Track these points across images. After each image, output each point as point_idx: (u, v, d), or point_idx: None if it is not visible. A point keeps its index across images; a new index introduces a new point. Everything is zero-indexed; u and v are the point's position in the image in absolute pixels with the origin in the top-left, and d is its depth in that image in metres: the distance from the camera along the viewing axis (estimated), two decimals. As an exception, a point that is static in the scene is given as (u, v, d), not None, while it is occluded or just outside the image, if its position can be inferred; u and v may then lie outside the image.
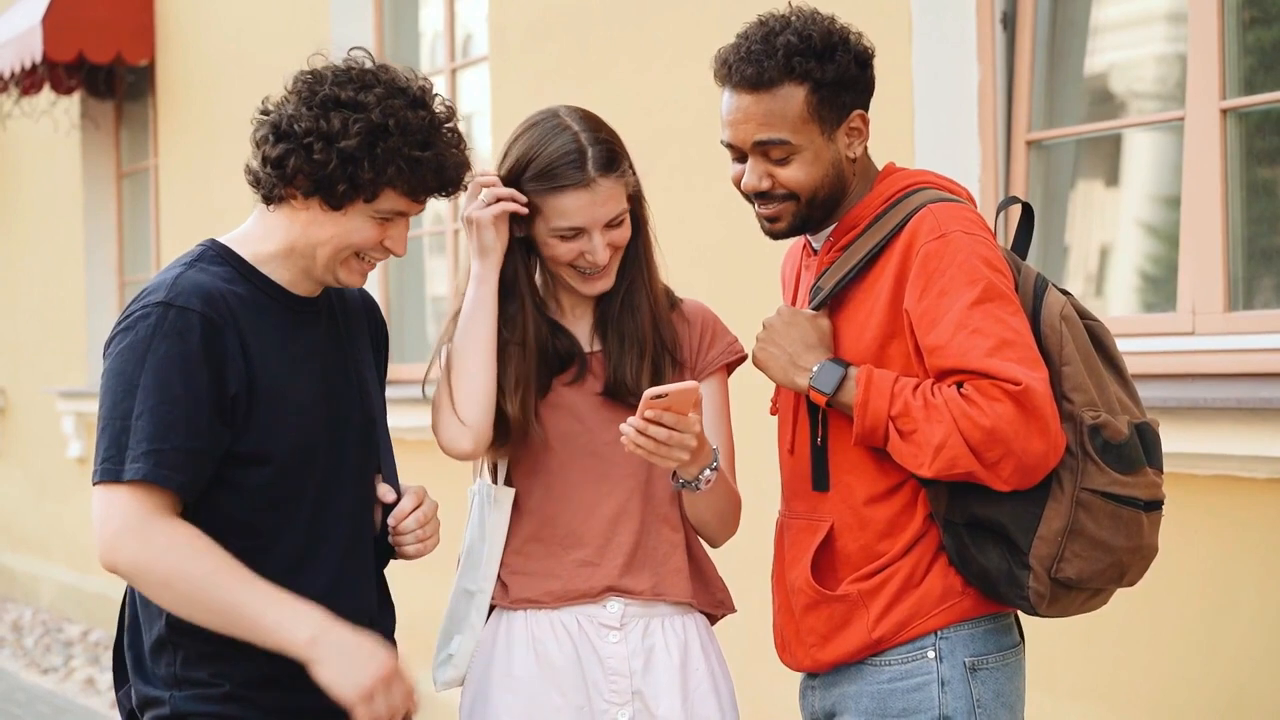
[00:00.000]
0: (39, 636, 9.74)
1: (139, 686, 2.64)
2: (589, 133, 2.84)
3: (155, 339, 2.53)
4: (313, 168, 2.55)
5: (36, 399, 10.82)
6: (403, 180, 2.58)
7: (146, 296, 2.59)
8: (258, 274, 2.66)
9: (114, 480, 2.52)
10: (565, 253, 2.85)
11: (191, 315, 2.55)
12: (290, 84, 2.63)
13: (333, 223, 2.61)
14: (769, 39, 2.68)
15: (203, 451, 2.54)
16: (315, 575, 2.65)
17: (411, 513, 2.77)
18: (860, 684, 2.72)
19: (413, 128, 2.57)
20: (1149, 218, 4.73)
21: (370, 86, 2.58)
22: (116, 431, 2.53)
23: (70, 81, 9.55)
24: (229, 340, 2.57)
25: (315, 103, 2.56)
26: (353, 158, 2.54)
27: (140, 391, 2.52)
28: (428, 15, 7.49)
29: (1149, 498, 2.62)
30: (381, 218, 2.62)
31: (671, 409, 2.66)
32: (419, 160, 2.57)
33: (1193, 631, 3.96)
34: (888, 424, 2.61)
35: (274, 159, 2.58)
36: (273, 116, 2.60)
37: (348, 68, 2.61)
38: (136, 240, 10.08)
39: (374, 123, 2.54)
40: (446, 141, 2.62)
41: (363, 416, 2.77)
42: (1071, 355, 2.62)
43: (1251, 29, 4.19)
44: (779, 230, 2.77)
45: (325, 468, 2.67)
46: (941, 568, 2.68)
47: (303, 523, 2.65)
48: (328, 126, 2.54)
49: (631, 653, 2.88)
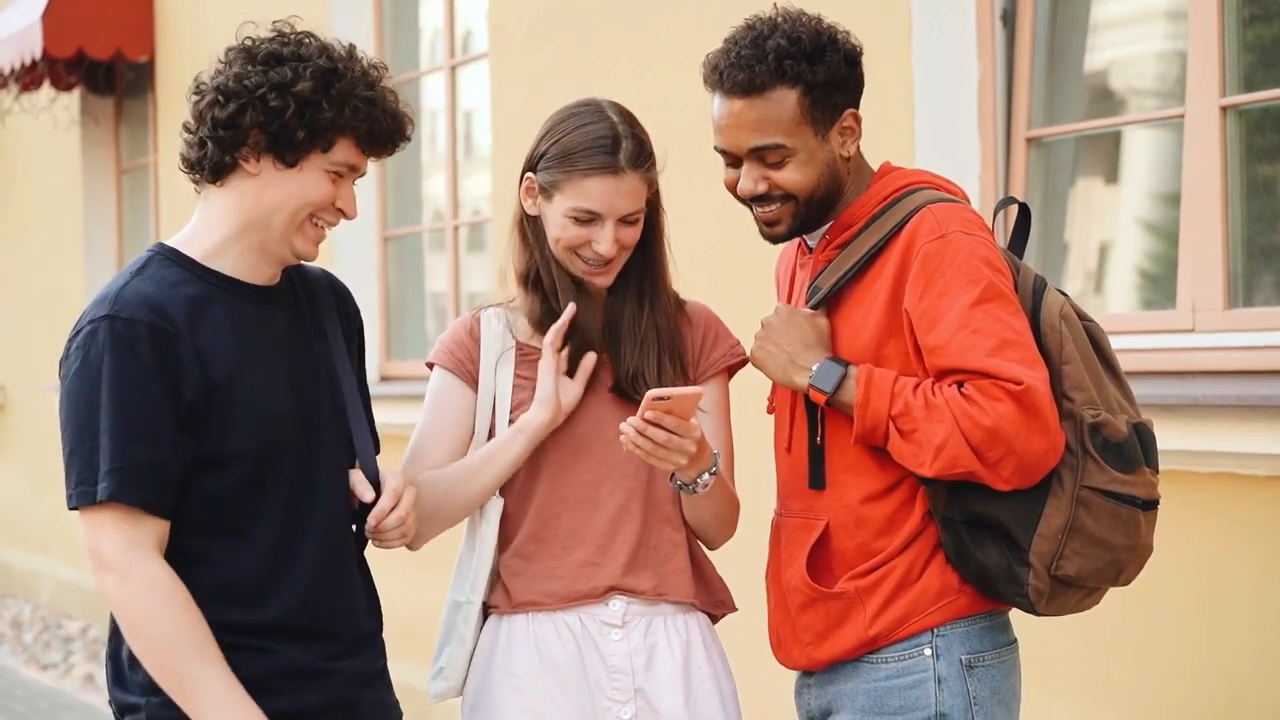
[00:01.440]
0: (38, 633, 9.74)
1: (116, 694, 2.64)
2: (626, 125, 2.87)
3: (106, 354, 2.51)
4: (269, 117, 2.54)
5: (36, 395, 10.81)
6: (359, 121, 2.58)
7: (93, 310, 2.56)
8: (209, 271, 2.62)
9: (90, 503, 2.51)
10: (574, 237, 2.85)
11: (139, 326, 2.52)
12: (223, 56, 2.64)
13: (288, 181, 2.59)
14: (758, 43, 2.68)
15: (164, 463, 2.52)
16: (294, 571, 2.63)
17: (391, 512, 2.72)
18: (856, 681, 2.72)
19: (357, 74, 2.60)
20: (1149, 215, 4.73)
21: (306, 44, 2.61)
22: (86, 453, 2.51)
23: (70, 78, 9.54)
24: (181, 347, 2.54)
25: (259, 59, 2.58)
26: (309, 101, 2.54)
27: (101, 410, 2.50)
28: (428, 12, 7.49)
29: (1147, 497, 2.62)
30: (335, 172, 2.61)
31: (673, 412, 2.66)
32: (372, 100, 2.59)
33: (1191, 629, 3.96)
34: (888, 423, 2.61)
35: (225, 119, 2.56)
36: (215, 82, 2.59)
37: (278, 33, 2.64)
38: (136, 236, 10.08)
39: (323, 67, 2.56)
40: (387, 89, 2.65)
41: (333, 405, 2.73)
42: (1071, 354, 2.63)
43: (1251, 26, 4.19)
44: (779, 233, 2.77)
45: (297, 462, 2.64)
46: (938, 565, 2.68)
47: (278, 519, 2.62)
48: (278, 77, 2.55)
49: (634, 650, 2.88)
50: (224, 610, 2.57)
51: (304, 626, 2.63)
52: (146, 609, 2.50)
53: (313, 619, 2.64)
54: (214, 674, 2.51)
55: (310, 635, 2.64)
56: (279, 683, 2.60)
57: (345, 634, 2.70)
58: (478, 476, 2.89)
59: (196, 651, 2.50)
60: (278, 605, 2.61)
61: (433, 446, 2.93)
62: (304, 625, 2.63)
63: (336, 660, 2.67)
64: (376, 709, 2.76)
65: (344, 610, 2.71)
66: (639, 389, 2.86)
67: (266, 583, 2.61)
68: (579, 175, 2.82)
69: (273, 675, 2.59)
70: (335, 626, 2.68)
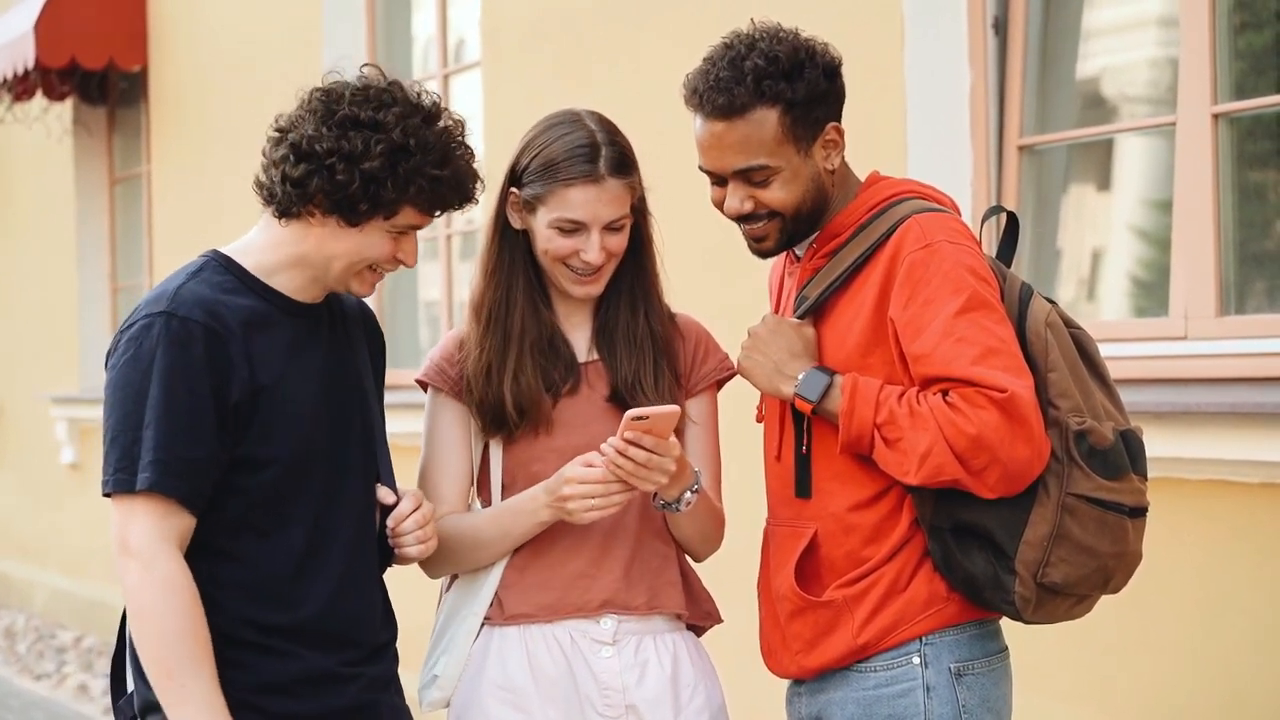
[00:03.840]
0: (32, 642, 9.73)
1: (143, 691, 2.65)
2: (605, 133, 2.86)
3: (159, 349, 2.57)
4: (335, 188, 2.58)
5: (29, 405, 10.81)
6: (423, 198, 2.62)
7: (149, 306, 2.62)
8: (260, 284, 2.69)
9: (128, 491, 2.55)
10: (561, 248, 2.85)
11: (194, 325, 2.58)
12: (305, 101, 2.64)
13: (349, 238, 2.65)
14: (736, 64, 2.68)
15: (205, 460, 2.58)
16: (322, 575, 2.68)
17: (411, 514, 2.79)
18: (846, 690, 2.71)
19: (431, 145, 2.61)
20: (1141, 222, 4.74)
21: (388, 105, 2.60)
22: (128, 442, 2.57)
23: (63, 87, 9.54)
24: (232, 349, 2.60)
25: (334, 122, 2.59)
26: (376, 178, 2.57)
27: (149, 401, 2.56)
28: (420, 20, 7.50)
29: (1134, 504, 2.62)
30: (396, 232, 2.66)
31: (652, 432, 2.68)
32: (439, 178, 2.61)
33: (1185, 635, 3.96)
34: (873, 432, 2.61)
35: (295, 179, 2.60)
36: (291, 137, 2.62)
37: (364, 86, 2.63)
38: (129, 246, 10.07)
39: (395, 142, 2.57)
40: (460, 157, 2.66)
41: (363, 421, 2.80)
42: (1057, 362, 2.62)
43: (1243, 33, 4.20)
44: (767, 249, 2.78)
45: (328, 471, 2.70)
46: (926, 573, 2.68)
47: (308, 524, 2.67)
48: (350, 147, 2.57)
49: (625, 667, 2.87)
50: (254, 609, 2.64)
51: (329, 631, 2.69)
52: (161, 602, 2.54)
53: (338, 624, 2.70)
54: (203, 684, 2.54)
55: (335, 641, 2.70)
56: (302, 687, 2.66)
57: (366, 642, 2.76)
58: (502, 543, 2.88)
59: (193, 658, 2.54)
60: (307, 608, 2.67)
61: (441, 483, 2.95)
62: (330, 630, 2.69)
63: (357, 666, 2.73)
64: (393, 713, 2.82)
65: (366, 619, 2.77)
66: (638, 396, 2.86)
67: (296, 585, 2.66)
68: (560, 186, 2.82)
69: (296, 679, 2.65)
70: (358, 634, 2.74)
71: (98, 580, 9.76)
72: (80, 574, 10.06)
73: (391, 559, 2.85)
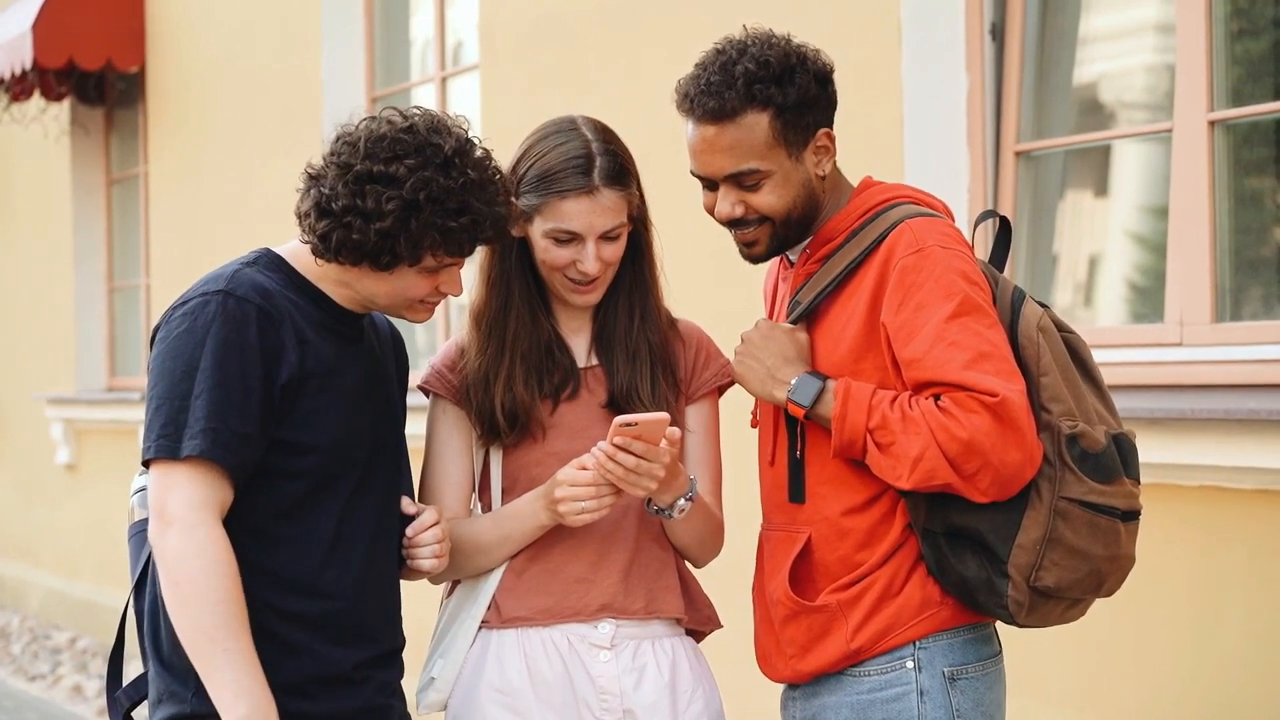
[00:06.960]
0: (26, 643, 9.72)
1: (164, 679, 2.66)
2: (600, 143, 2.86)
3: (215, 324, 2.60)
4: (354, 245, 2.62)
5: (25, 405, 10.80)
6: (440, 247, 2.64)
7: (205, 286, 2.67)
8: (310, 286, 2.73)
9: (170, 456, 2.57)
10: (558, 258, 2.85)
11: (250, 306, 2.63)
12: (331, 144, 2.67)
13: (384, 281, 2.69)
14: (727, 68, 2.68)
15: (253, 437, 2.61)
16: (346, 570, 2.70)
17: (431, 526, 2.81)
18: (840, 694, 2.72)
19: (445, 196, 2.61)
20: (1137, 228, 4.74)
21: (401, 157, 2.61)
22: (174, 410, 2.59)
23: (60, 88, 9.54)
24: (285, 331, 2.64)
25: (350, 179, 2.61)
26: (389, 233, 2.60)
27: (200, 373, 2.59)
28: (418, 22, 7.50)
29: (1126, 508, 2.62)
30: (430, 271, 2.69)
31: (641, 438, 2.69)
32: (453, 229, 2.63)
33: (1179, 641, 3.97)
34: (865, 436, 2.61)
35: (320, 234, 2.64)
36: (314, 193, 2.65)
37: (380, 135, 2.63)
38: (126, 247, 10.07)
39: (406, 200, 2.59)
40: (482, 200, 2.65)
41: (393, 431, 2.84)
42: (1049, 366, 2.63)
43: (1239, 40, 4.20)
44: (757, 254, 2.79)
45: (359, 470, 2.73)
46: (920, 577, 2.68)
47: (335, 518, 2.70)
48: (363, 205, 2.60)
49: (622, 671, 2.87)
50: (279, 596, 2.65)
51: (349, 627, 2.71)
52: (202, 568, 2.54)
53: (358, 620, 2.72)
54: (244, 649, 2.54)
55: (353, 636, 2.72)
56: (315, 687, 2.67)
57: (384, 642, 2.79)
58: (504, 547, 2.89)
59: (236, 621, 2.54)
60: (329, 600, 2.69)
61: (442, 488, 2.96)
62: (349, 625, 2.71)
63: (368, 669, 2.74)
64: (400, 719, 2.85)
65: (384, 619, 2.79)
66: (633, 404, 2.87)
67: (320, 576, 2.68)
68: (555, 198, 2.83)
69: (310, 679, 2.66)
70: (377, 633, 2.76)
71: (92, 581, 9.75)
72: (75, 575, 10.06)
73: (403, 568, 2.86)
